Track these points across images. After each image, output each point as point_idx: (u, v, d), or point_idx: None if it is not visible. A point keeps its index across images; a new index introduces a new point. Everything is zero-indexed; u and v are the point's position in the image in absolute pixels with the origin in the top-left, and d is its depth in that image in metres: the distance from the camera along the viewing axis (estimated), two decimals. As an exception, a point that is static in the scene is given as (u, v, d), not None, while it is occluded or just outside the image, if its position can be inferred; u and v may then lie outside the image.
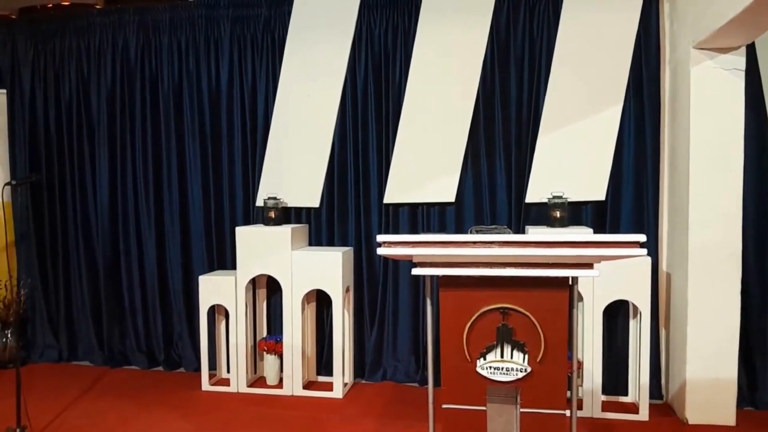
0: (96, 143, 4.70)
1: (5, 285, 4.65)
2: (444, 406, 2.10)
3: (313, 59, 4.28)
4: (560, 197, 3.76)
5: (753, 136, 3.62)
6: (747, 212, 3.54)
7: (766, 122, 3.69)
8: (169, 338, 4.65)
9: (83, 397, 4.01)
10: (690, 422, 3.47)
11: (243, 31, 4.42)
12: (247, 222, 4.43)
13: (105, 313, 4.74)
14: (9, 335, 4.58)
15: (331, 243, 4.35)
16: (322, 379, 4.27)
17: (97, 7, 4.69)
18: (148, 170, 4.60)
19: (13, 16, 4.85)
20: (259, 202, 4.31)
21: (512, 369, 2.04)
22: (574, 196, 3.84)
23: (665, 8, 3.85)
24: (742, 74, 3.36)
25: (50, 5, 4.74)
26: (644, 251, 1.93)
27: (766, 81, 3.67)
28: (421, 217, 4.20)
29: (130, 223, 4.65)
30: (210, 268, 4.47)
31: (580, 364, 3.61)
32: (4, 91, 4.80)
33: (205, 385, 4.13)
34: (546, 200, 3.82)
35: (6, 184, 4.05)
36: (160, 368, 4.63)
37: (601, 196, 3.89)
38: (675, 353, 3.71)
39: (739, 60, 3.35)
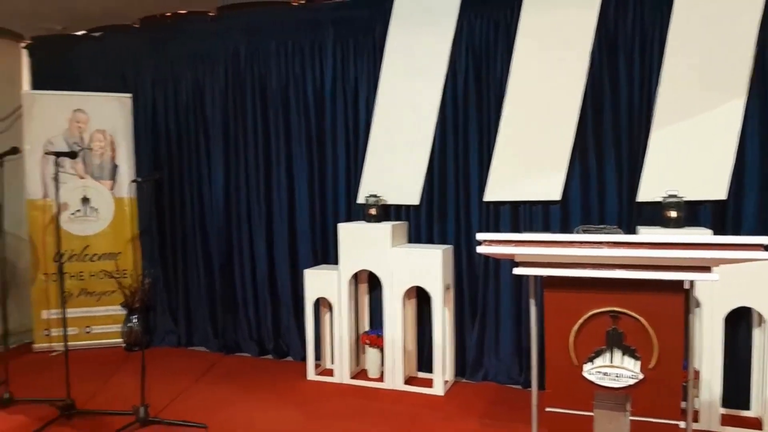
0: (210, 143, 5.01)
1: (131, 274, 5.08)
2: (548, 409, 2.05)
3: (414, 57, 4.30)
4: (676, 196, 3.53)
5: None
6: None
7: None
8: (278, 328, 4.87)
9: (199, 380, 4.29)
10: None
11: (345, 33, 4.53)
12: (349, 219, 4.54)
13: (219, 303, 5.05)
14: (135, 321, 4.99)
15: (430, 241, 4.35)
16: (422, 375, 4.30)
17: (210, 14, 4.99)
18: (258, 169, 4.84)
19: (136, 26, 5.27)
20: (361, 200, 4.40)
21: (622, 375, 1.95)
22: (690, 195, 3.59)
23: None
24: None
25: (168, 14, 5.10)
26: None
27: None
28: (523, 215, 4.11)
29: (243, 219, 4.92)
30: (315, 263, 4.63)
31: (697, 374, 3.39)
32: (130, 95, 5.21)
33: (311, 375, 4.29)
34: (660, 199, 3.60)
35: (132, 182, 4.42)
36: (270, 356, 4.86)
37: (721, 194, 3.61)
38: (807, 366, 3.39)
39: None
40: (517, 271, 2.02)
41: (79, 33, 5.47)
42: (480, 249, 2.00)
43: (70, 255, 4.98)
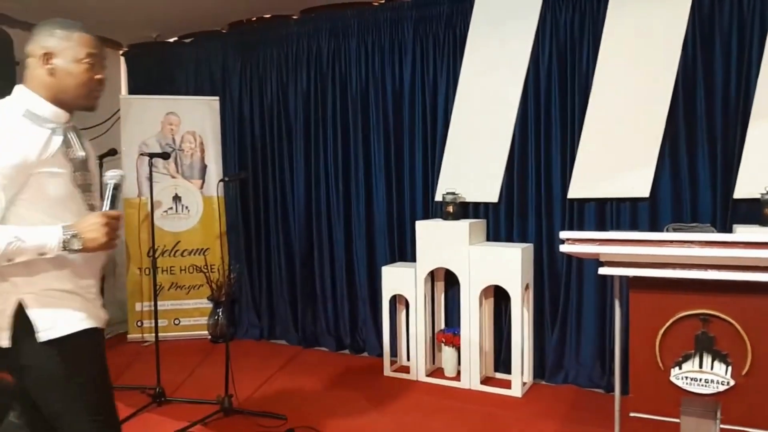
0: (293, 144, 5.16)
1: (218, 269, 5.31)
2: (632, 414, 1.97)
3: (495, 52, 4.23)
4: (777, 192, 3.29)
5: None
6: None
7: None
8: (355, 324, 4.95)
9: (280, 372, 4.43)
10: None
11: (425, 30, 4.53)
12: (426, 216, 4.54)
13: (300, 297, 5.19)
14: (220, 314, 5.22)
15: (510, 239, 4.28)
16: (499, 375, 4.23)
17: (294, 17, 5.13)
18: (338, 168, 4.93)
19: (224, 30, 5.50)
20: (438, 197, 4.39)
21: (712, 381, 1.84)
22: (794, 191, 3.33)
23: None
24: None
25: (254, 18, 5.28)
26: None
27: None
28: (609, 213, 3.95)
29: (323, 217, 5.03)
30: (392, 260, 4.66)
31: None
32: (218, 98, 5.44)
33: (387, 371, 4.32)
34: (759, 196, 3.36)
35: (220, 181, 4.63)
36: (347, 351, 4.94)
37: (829, 191, 3.33)
38: None
39: None
40: (602, 271, 1.95)
41: (172, 39, 5.79)
42: (563, 248, 1.94)
43: (163, 250, 5.26)
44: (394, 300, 4.39)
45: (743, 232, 3.20)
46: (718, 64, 3.64)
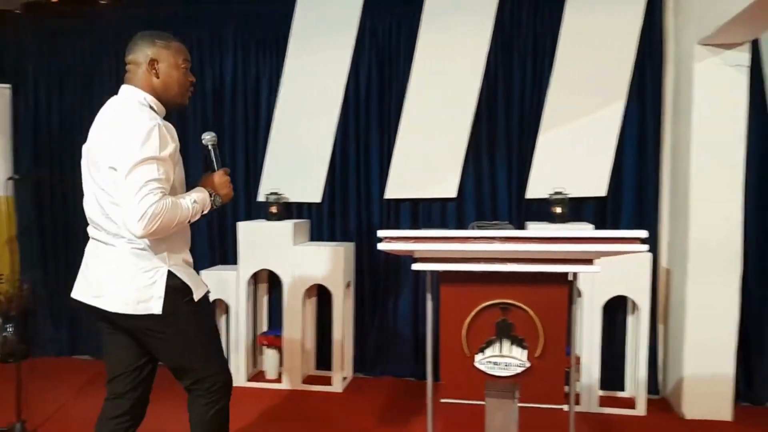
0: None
1: (7, 279, 4.67)
2: (443, 400, 2.11)
3: (317, 55, 4.28)
4: (561, 193, 3.76)
5: (755, 133, 3.60)
6: (748, 210, 3.53)
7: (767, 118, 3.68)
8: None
9: (84, 389, 4.03)
10: (687, 417, 3.48)
11: (247, 27, 4.42)
12: (249, 217, 4.44)
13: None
14: (10, 329, 4.59)
15: (332, 238, 4.35)
16: (321, 373, 4.28)
17: (102, 1, 4.68)
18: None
19: (18, 11, 4.85)
20: (261, 198, 4.32)
21: (511, 364, 2.04)
22: (575, 192, 3.84)
23: (670, 3, 3.83)
24: (746, 71, 3.35)
25: (55, 0, 4.73)
26: (645, 247, 1.90)
27: (768, 77, 3.67)
28: (422, 212, 4.21)
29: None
30: (212, 263, 4.48)
31: (578, 360, 3.62)
32: (9, 85, 4.79)
33: (206, 379, 4.14)
34: (546, 196, 3.82)
35: (9, 179, 4.06)
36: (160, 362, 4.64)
37: (602, 192, 3.88)
38: (673, 349, 3.72)
39: (743, 56, 3.34)
40: (415, 266, 2.05)
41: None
42: (381, 246, 2.01)
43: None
44: (214, 305, 4.23)
45: (535, 229, 3.60)
46: (516, 77, 4.06)
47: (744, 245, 3.48)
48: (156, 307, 2.00)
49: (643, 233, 1.87)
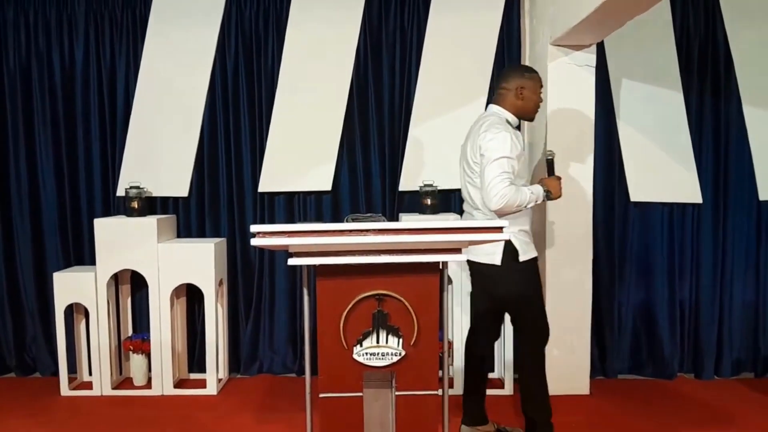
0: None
1: None
2: (321, 395, 2.10)
3: (179, 39, 4.06)
4: (431, 185, 3.88)
5: (602, 128, 3.95)
6: (596, 199, 3.86)
7: (612, 115, 4.04)
8: (22, 341, 4.24)
9: None
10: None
11: (100, 7, 4.09)
12: (107, 213, 4.12)
13: (-60, 318, 4.22)
14: None
15: (201, 234, 4.17)
16: (194, 376, 4.10)
17: None
18: (-9, 160, 4.14)
19: None
20: (120, 192, 4.03)
21: (387, 354, 2.07)
22: (444, 185, 3.97)
23: (526, 6, 4.08)
24: (593, 70, 3.64)
25: None
26: (507, 236, 2.08)
27: (613, 77, 4.02)
28: (297, 205, 4.16)
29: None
30: (66, 265, 4.12)
31: (450, 345, 3.77)
32: None
33: (65, 390, 3.81)
34: (418, 188, 3.93)
35: None
36: (12, 374, 4.22)
37: (469, 183, 4.05)
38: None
39: (591, 57, 3.63)
40: (291, 261, 2.01)
41: None
42: (254, 241, 1.94)
43: None
44: (71, 310, 3.90)
45: (407, 220, 3.69)
46: (385, 72, 4.12)
47: (593, 231, 3.80)
48: (497, 259, 2.80)
49: (505, 222, 2.01)
